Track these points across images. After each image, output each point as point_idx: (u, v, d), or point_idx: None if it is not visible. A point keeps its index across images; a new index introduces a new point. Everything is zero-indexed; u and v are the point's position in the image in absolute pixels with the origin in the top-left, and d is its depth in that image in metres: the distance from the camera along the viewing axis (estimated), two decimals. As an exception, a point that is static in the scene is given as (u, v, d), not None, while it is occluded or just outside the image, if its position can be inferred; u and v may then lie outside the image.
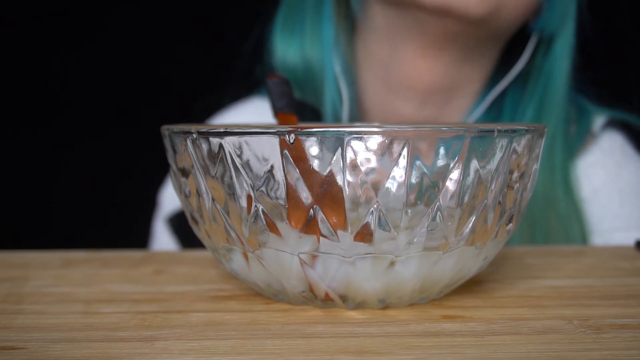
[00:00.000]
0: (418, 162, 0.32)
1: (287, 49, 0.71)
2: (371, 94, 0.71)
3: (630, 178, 0.69)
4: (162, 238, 0.74)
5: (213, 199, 0.34)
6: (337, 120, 0.68)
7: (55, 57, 1.16)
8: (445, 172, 0.32)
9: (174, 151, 0.36)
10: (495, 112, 0.69)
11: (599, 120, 0.70)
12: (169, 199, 0.74)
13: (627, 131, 0.71)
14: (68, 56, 1.16)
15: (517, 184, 0.35)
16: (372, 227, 0.32)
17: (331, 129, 0.31)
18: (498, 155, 0.33)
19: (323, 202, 0.32)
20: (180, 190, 0.37)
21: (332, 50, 0.69)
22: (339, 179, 0.32)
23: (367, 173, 0.32)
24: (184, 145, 0.35)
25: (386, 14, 0.66)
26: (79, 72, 1.16)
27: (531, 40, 0.67)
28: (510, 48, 0.69)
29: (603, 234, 0.66)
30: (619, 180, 0.68)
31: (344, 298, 0.35)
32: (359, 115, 0.71)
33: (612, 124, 0.70)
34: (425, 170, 0.32)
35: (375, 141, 0.31)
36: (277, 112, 0.46)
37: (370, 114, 0.71)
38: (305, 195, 0.32)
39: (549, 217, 0.65)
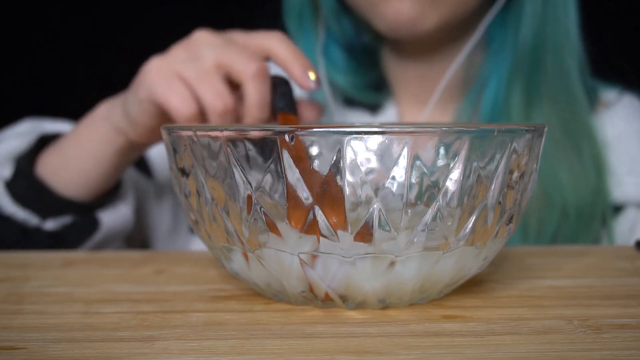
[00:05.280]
0: (418, 162, 0.32)
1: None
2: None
3: None
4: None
5: (213, 199, 0.34)
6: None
7: (57, 58, 1.16)
8: (445, 172, 0.32)
9: (174, 151, 0.36)
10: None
11: (611, 92, 0.70)
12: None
13: None
14: (69, 56, 1.16)
15: (517, 184, 0.35)
16: (372, 227, 0.32)
17: (331, 129, 0.31)
18: (498, 155, 0.33)
19: (323, 202, 0.32)
20: (180, 190, 0.37)
21: (317, 57, 0.69)
22: (339, 179, 0.32)
23: (367, 173, 0.31)
24: (184, 145, 0.35)
25: None
26: (79, 71, 1.16)
27: None
28: None
29: (618, 177, 0.66)
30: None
31: (344, 298, 0.35)
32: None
33: (627, 91, 0.70)
34: (425, 170, 0.32)
35: (375, 141, 0.31)
36: (277, 112, 0.46)
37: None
38: (305, 195, 0.32)
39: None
